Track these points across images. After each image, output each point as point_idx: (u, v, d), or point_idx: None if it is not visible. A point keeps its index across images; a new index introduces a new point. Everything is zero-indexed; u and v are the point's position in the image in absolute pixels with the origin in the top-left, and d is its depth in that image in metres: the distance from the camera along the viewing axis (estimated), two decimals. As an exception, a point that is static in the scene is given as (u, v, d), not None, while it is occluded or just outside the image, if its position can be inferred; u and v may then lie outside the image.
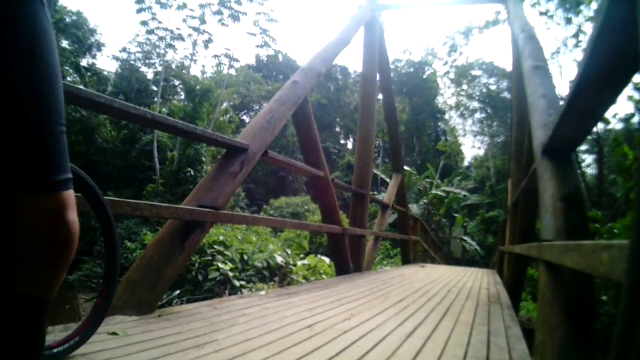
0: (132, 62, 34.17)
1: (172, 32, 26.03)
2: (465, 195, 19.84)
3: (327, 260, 7.64)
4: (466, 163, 37.20)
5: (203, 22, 25.17)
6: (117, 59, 32.88)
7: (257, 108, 44.04)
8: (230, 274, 7.30)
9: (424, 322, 2.69)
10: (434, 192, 19.58)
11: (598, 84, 1.66)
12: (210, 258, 7.72)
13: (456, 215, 20.37)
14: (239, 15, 24.43)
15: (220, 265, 7.36)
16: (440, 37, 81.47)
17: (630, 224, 0.73)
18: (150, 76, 34.38)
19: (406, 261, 10.32)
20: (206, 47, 26.30)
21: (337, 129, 43.48)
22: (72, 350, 1.61)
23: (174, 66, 32.46)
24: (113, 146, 22.22)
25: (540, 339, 1.82)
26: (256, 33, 25.46)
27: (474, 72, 32.61)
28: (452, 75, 34.35)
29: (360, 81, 8.39)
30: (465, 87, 34.05)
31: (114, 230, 1.88)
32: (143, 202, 2.64)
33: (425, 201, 19.17)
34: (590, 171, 12.18)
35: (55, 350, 1.54)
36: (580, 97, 1.75)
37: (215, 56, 27.94)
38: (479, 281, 5.88)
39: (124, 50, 33.34)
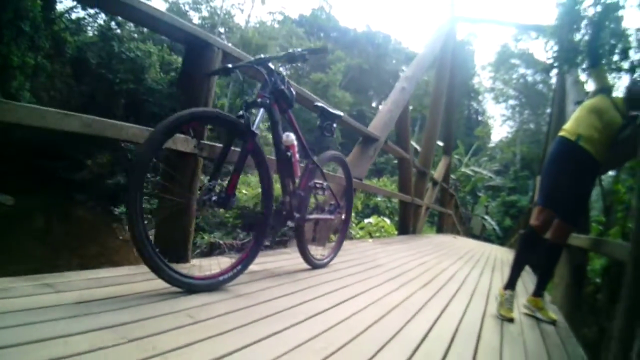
0: (180, 5, 35.15)
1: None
2: (490, 177, 21.03)
3: (387, 221, 9.27)
4: (492, 144, 38.22)
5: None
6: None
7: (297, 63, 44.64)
8: (300, 223, 9.04)
9: (483, 272, 4.42)
10: (462, 169, 20.90)
11: None
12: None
13: (480, 194, 21.65)
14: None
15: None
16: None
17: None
18: (196, 20, 35.44)
19: (440, 231, 12.07)
20: (263, 2, 27.32)
21: (371, 93, 44.41)
22: (328, 264, 3.20)
23: (219, 12, 33.41)
24: (162, 87, 23.22)
25: (556, 282, 3.55)
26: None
27: (513, 61, 33.22)
28: (491, 59, 35.01)
29: (434, 78, 9.86)
30: (502, 73, 34.75)
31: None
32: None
33: (453, 177, 20.59)
34: (611, 172, 13.12)
35: (325, 261, 3.13)
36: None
37: (270, 12, 28.97)
38: (506, 255, 7.44)
39: (174, -10, 34.33)
